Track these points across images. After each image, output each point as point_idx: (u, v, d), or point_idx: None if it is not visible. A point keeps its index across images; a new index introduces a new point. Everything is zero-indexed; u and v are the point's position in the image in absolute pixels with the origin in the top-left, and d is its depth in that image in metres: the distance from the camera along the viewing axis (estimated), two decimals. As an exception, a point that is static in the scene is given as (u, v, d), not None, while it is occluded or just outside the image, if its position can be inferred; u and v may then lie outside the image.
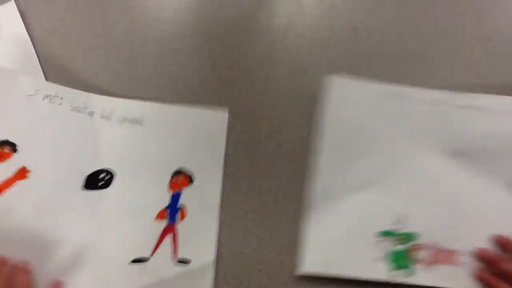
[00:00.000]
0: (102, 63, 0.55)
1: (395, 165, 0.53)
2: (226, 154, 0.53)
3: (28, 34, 0.55)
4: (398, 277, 0.49)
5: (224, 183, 0.52)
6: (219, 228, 0.50)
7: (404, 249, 0.50)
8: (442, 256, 0.50)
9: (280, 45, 0.57)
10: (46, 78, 0.54)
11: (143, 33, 0.57)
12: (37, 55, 0.55)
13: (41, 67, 0.54)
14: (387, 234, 0.50)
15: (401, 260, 0.50)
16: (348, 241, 0.50)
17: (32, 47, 0.55)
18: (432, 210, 0.51)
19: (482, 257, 0.49)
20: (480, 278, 0.49)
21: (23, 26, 0.55)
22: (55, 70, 0.55)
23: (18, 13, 0.55)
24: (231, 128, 0.54)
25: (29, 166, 0.50)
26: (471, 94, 0.54)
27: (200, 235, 0.50)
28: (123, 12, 0.57)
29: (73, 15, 0.57)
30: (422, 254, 0.50)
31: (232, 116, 0.54)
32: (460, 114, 0.53)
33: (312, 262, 0.49)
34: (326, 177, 0.52)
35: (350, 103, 0.54)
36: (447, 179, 0.52)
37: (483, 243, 0.50)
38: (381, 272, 0.49)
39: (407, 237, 0.50)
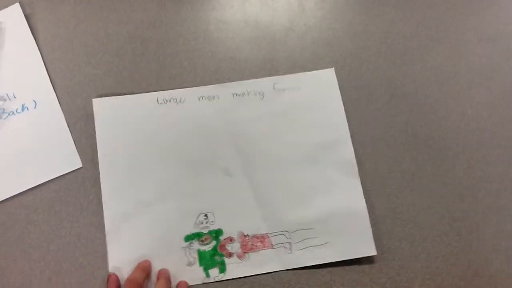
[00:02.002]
0: (106, 66, 0.56)
1: (187, 168, 0.53)
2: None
3: (33, 37, 0.56)
4: (213, 276, 0.49)
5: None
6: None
7: (213, 247, 0.50)
8: (254, 243, 0.51)
9: (282, 46, 0.58)
10: (51, 80, 0.55)
11: (145, 36, 0.57)
12: (42, 57, 0.55)
13: (46, 69, 0.55)
14: (194, 236, 0.51)
15: (212, 258, 0.50)
16: (156, 254, 0.50)
17: (38, 49, 0.55)
18: (232, 202, 0.52)
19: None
20: None
21: (28, 29, 0.55)
22: (59, 72, 0.55)
23: (23, 16, 0.56)
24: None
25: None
26: (247, 81, 0.56)
27: None
28: (125, 17, 0.58)
29: (77, 20, 0.57)
30: (232, 247, 0.50)
31: (235, 117, 0.55)
32: (236, 101, 0.55)
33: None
34: (116, 199, 0.51)
35: (121, 121, 0.53)
36: (238, 169, 0.53)
37: (287, 217, 0.51)
38: (196, 276, 0.49)
39: (214, 234, 0.51)
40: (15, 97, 0.54)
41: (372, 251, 0.50)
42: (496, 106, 0.57)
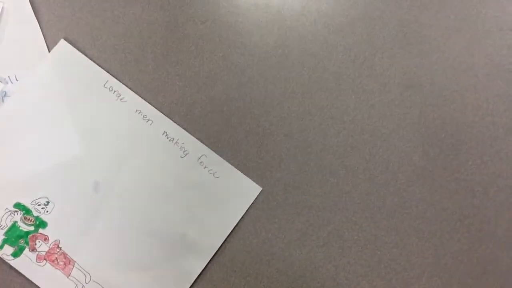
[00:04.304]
0: (111, 48, 0.54)
1: (69, 152, 0.50)
2: (235, 141, 0.52)
3: (36, 18, 0.54)
4: (4, 252, 0.47)
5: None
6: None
7: (26, 231, 0.48)
8: (58, 258, 0.48)
9: (293, 32, 0.56)
10: (54, 63, 0.53)
11: (152, 18, 0.55)
12: (44, 39, 0.54)
13: (49, 52, 0.53)
14: (22, 208, 0.49)
15: (18, 238, 0.48)
16: None
17: (40, 31, 0.54)
18: (79, 216, 0.49)
19: None
20: None
21: (31, 9, 0.53)
22: (63, 55, 0.54)
23: (26, -4, 0.54)
24: (242, 117, 0.53)
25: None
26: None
27: None
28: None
29: (82, 0, 0.56)
30: (40, 246, 0.48)
31: (243, 103, 0.53)
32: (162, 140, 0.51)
33: None
34: None
35: (64, 74, 0.52)
36: (107, 192, 0.50)
37: (105, 263, 0.48)
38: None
39: (38, 222, 0.48)
40: (17, 80, 0.53)
41: None
42: (514, 100, 0.55)
